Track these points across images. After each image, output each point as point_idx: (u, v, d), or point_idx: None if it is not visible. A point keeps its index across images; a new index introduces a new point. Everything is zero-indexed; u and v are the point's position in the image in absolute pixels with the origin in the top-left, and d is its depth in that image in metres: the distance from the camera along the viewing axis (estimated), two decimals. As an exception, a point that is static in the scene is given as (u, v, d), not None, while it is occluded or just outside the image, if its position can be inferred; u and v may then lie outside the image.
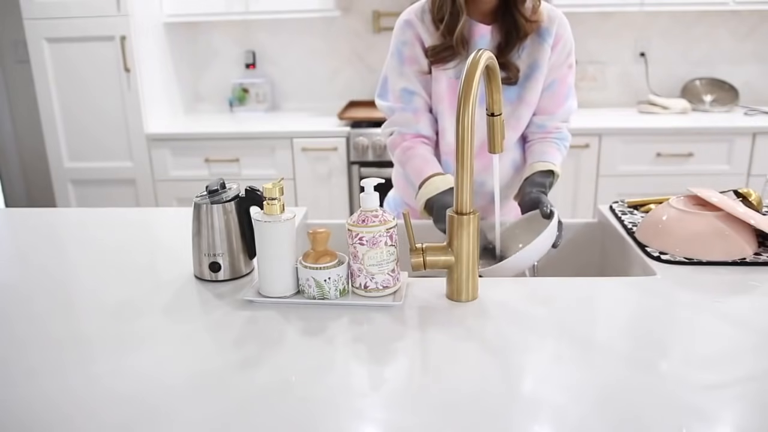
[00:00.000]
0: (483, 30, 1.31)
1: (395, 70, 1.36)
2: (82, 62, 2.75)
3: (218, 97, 3.30)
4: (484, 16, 1.31)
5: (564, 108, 1.40)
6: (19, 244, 1.32)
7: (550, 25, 1.33)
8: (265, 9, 2.88)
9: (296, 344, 0.87)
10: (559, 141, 1.40)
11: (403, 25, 1.35)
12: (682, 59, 3.13)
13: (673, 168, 2.72)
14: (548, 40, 1.33)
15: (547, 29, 1.33)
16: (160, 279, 1.10)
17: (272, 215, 0.96)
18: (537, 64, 1.33)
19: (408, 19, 1.34)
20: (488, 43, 1.32)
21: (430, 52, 1.32)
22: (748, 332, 0.87)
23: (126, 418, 0.71)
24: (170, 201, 2.91)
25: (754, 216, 1.10)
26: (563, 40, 1.35)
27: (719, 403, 0.72)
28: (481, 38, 1.32)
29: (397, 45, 1.36)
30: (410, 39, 1.34)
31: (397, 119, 1.37)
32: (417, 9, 1.35)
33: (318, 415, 0.71)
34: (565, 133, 1.43)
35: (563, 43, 1.35)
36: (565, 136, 1.42)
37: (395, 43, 1.36)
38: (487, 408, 0.72)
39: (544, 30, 1.32)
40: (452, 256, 0.96)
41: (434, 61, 1.33)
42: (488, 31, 1.32)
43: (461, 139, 0.91)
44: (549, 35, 1.33)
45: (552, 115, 1.39)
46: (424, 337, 0.88)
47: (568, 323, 0.91)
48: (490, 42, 1.32)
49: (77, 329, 0.93)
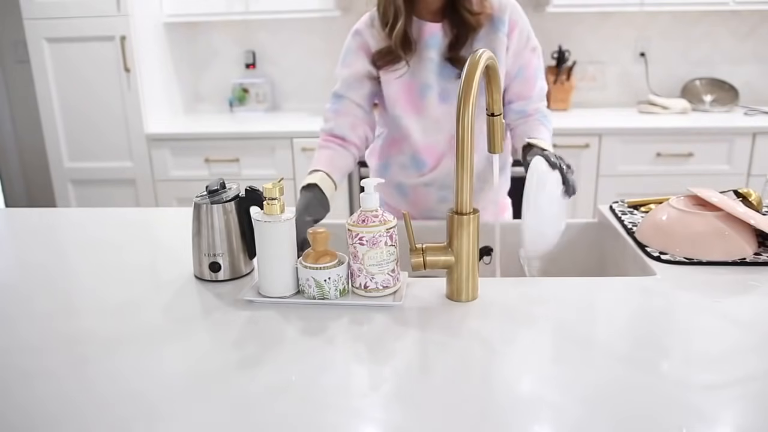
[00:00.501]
0: (433, 28, 1.33)
1: (336, 75, 1.42)
2: (82, 62, 2.75)
3: (218, 97, 3.30)
4: (433, 15, 1.33)
5: (537, 89, 1.41)
6: (19, 244, 1.32)
7: (502, 14, 1.33)
8: (265, 9, 2.88)
9: (296, 344, 0.87)
10: (542, 118, 1.41)
11: (353, 34, 1.39)
12: (682, 59, 3.13)
13: (673, 168, 2.72)
14: (502, 29, 1.33)
15: (499, 18, 1.33)
16: (160, 279, 1.10)
17: (272, 215, 0.96)
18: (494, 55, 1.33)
19: (357, 28, 1.38)
20: (440, 41, 1.33)
21: (376, 56, 1.35)
22: (748, 332, 0.87)
23: (126, 417, 0.71)
24: (170, 201, 2.91)
25: (754, 216, 1.10)
26: (519, 26, 1.35)
27: (719, 403, 0.72)
28: (431, 37, 1.33)
29: (344, 52, 1.40)
30: (354, 47, 1.38)
31: (324, 116, 1.43)
32: (367, 18, 1.38)
33: (318, 415, 0.71)
34: (545, 112, 1.43)
35: (519, 28, 1.35)
36: (545, 114, 1.43)
37: (343, 51, 1.41)
38: (487, 408, 0.72)
39: (496, 20, 1.33)
40: (452, 256, 0.96)
41: (381, 65, 1.35)
42: (438, 29, 1.33)
43: (461, 139, 0.91)
44: (502, 24, 1.33)
45: (528, 99, 1.39)
46: (424, 337, 0.88)
47: (568, 323, 0.91)
48: (441, 39, 1.33)
49: (77, 329, 0.93)
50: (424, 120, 1.38)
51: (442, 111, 1.37)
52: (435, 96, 1.36)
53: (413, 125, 1.39)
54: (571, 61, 3.04)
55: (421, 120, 1.38)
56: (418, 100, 1.36)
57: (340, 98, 1.40)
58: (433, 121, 1.38)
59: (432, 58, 1.33)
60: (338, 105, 1.40)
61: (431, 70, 1.34)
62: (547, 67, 3.09)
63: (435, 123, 1.38)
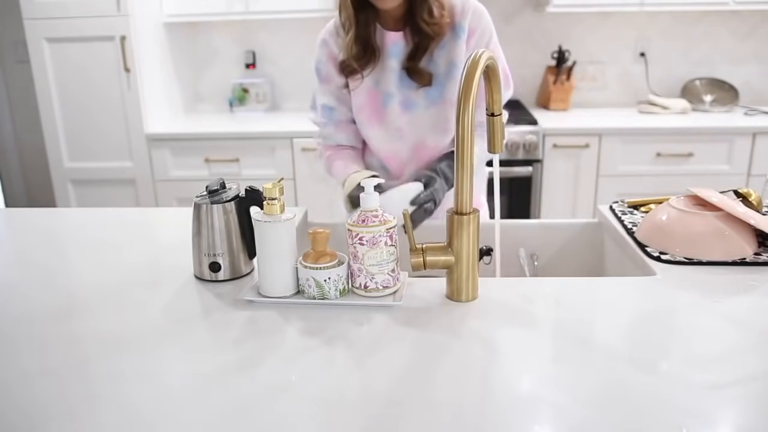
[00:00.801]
0: (394, 37, 1.32)
1: (317, 87, 1.43)
2: (82, 62, 2.75)
3: (218, 97, 3.30)
4: (394, 24, 1.32)
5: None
6: (19, 244, 1.32)
7: (462, 20, 1.31)
8: (265, 9, 2.88)
9: (296, 344, 0.87)
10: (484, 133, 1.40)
11: (320, 44, 1.39)
12: (682, 59, 3.13)
13: (673, 168, 2.72)
14: (462, 35, 1.31)
15: (460, 24, 1.31)
16: (160, 279, 1.10)
17: (272, 215, 0.96)
18: (454, 62, 1.32)
19: (323, 38, 1.39)
20: (402, 49, 1.33)
21: (341, 66, 1.36)
22: (748, 332, 0.87)
23: (126, 417, 0.71)
24: (170, 201, 2.91)
25: (754, 216, 1.10)
26: (478, 32, 1.32)
27: (719, 403, 0.72)
28: (393, 45, 1.33)
29: (316, 64, 1.41)
30: (324, 58, 1.38)
31: (322, 132, 1.45)
32: (331, 26, 1.38)
33: (318, 415, 0.71)
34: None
35: (479, 34, 1.32)
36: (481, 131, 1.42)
37: (315, 62, 1.41)
38: (487, 408, 0.72)
39: (457, 26, 1.31)
40: (452, 256, 0.96)
41: (346, 73, 1.36)
42: (400, 37, 1.32)
43: (461, 139, 0.91)
44: (462, 31, 1.31)
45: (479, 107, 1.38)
46: (424, 337, 0.88)
47: (568, 323, 0.91)
48: (404, 47, 1.33)
49: (77, 329, 0.93)
50: (386, 129, 1.38)
51: (405, 120, 1.36)
52: (397, 105, 1.35)
53: (375, 133, 1.39)
54: (571, 61, 3.04)
55: (383, 128, 1.38)
56: (381, 108, 1.36)
57: (331, 111, 1.41)
58: (395, 130, 1.37)
59: (393, 67, 1.33)
60: (334, 118, 1.41)
61: (392, 79, 1.34)
62: (547, 67, 3.09)
63: (396, 131, 1.37)
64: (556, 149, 2.73)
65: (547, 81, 3.08)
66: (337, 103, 1.40)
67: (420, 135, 1.37)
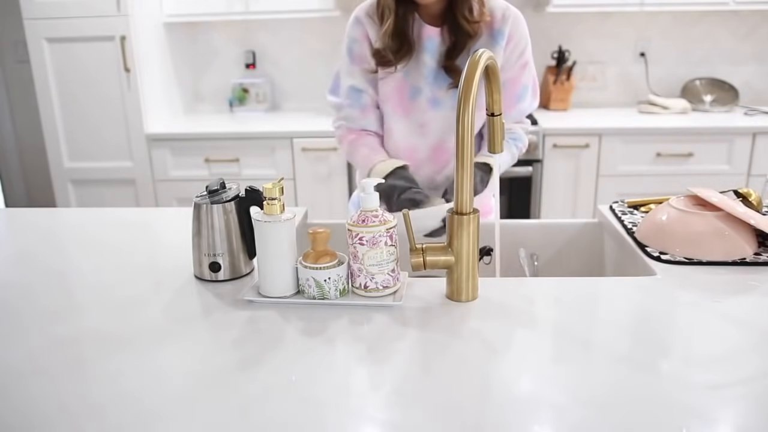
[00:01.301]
0: (431, 31, 1.31)
1: (345, 67, 1.39)
2: (82, 62, 2.75)
3: (218, 97, 3.30)
4: (432, 19, 1.31)
5: (517, 109, 1.39)
6: (19, 244, 1.32)
7: (503, 26, 1.31)
8: (265, 9, 2.88)
9: (296, 344, 0.87)
10: (510, 140, 1.40)
11: (354, 23, 1.36)
12: (682, 59, 3.13)
13: (673, 168, 2.72)
14: (500, 41, 1.31)
15: (500, 30, 1.31)
16: (160, 279, 1.10)
17: (272, 215, 0.96)
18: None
19: (358, 16, 1.35)
20: (436, 45, 1.32)
21: (375, 55, 1.33)
22: (748, 332, 0.87)
23: (125, 418, 0.71)
24: (170, 201, 2.91)
25: (754, 216, 1.10)
26: (515, 40, 1.32)
27: (719, 403, 0.72)
28: (428, 40, 1.31)
29: (348, 42, 1.37)
30: (359, 37, 1.35)
31: (345, 114, 1.41)
32: (368, 6, 1.35)
33: (318, 415, 0.71)
34: (518, 134, 1.43)
35: (515, 42, 1.32)
36: (517, 137, 1.42)
37: (347, 41, 1.37)
38: (487, 408, 0.72)
39: (497, 32, 1.31)
40: (452, 256, 0.96)
41: (379, 63, 1.34)
42: (437, 33, 1.31)
43: (461, 139, 0.91)
44: (501, 36, 1.31)
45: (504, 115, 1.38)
46: (424, 337, 0.88)
47: (568, 323, 0.91)
48: (439, 44, 1.32)
49: (77, 329, 0.93)
50: (410, 123, 1.37)
51: (431, 117, 1.35)
52: (425, 101, 1.34)
53: (398, 125, 1.38)
54: (571, 61, 3.04)
55: (407, 122, 1.37)
56: (407, 101, 1.35)
57: (360, 93, 1.37)
58: (419, 125, 1.36)
59: (427, 62, 1.32)
60: (361, 101, 1.38)
61: (425, 74, 1.33)
62: (547, 67, 3.09)
63: (420, 127, 1.36)
64: (556, 149, 2.73)
65: (547, 81, 3.08)
66: (366, 86, 1.37)
67: (442, 134, 1.37)
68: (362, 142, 1.39)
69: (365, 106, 1.38)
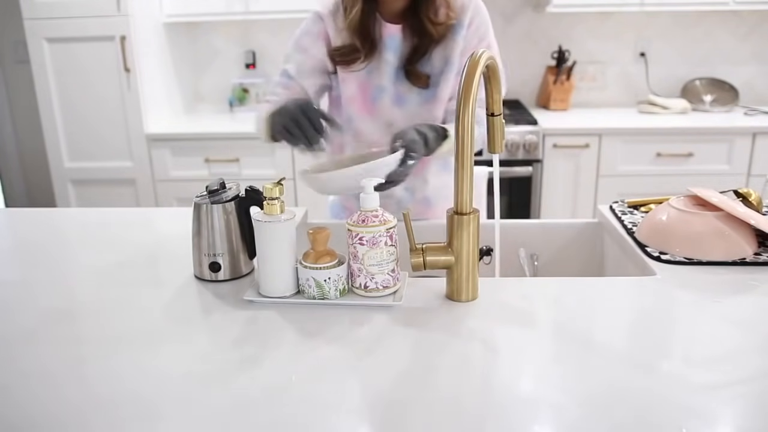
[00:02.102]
0: (392, 30, 1.30)
1: (289, 52, 1.35)
2: (82, 62, 2.75)
3: (218, 97, 3.30)
4: (393, 16, 1.29)
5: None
6: (19, 244, 1.32)
7: (463, 16, 1.28)
8: (265, 9, 2.88)
9: (296, 344, 0.87)
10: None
11: (314, 18, 1.33)
12: (682, 59, 3.13)
13: (673, 168, 2.72)
14: (461, 31, 1.29)
15: (459, 21, 1.28)
16: (160, 279, 1.10)
17: (272, 215, 0.96)
18: (449, 60, 1.30)
19: (319, 12, 1.33)
20: (398, 44, 1.30)
21: (335, 53, 1.30)
22: (748, 332, 0.87)
23: (125, 418, 0.71)
24: (170, 201, 2.91)
25: (754, 216, 1.10)
26: (475, 24, 1.30)
27: (719, 403, 0.72)
28: (390, 38, 1.30)
29: (300, 32, 1.35)
30: (315, 31, 1.32)
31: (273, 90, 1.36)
32: (330, 3, 1.32)
33: (318, 415, 0.71)
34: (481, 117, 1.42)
35: (475, 26, 1.30)
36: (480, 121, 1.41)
37: (301, 30, 1.35)
38: (487, 408, 0.72)
39: (457, 24, 1.28)
40: (452, 256, 0.96)
41: (340, 62, 1.31)
42: (398, 31, 1.30)
43: (461, 139, 0.91)
44: (461, 26, 1.29)
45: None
46: (424, 337, 0.88)
47: (568, 323, 0.91)
48: (400, 43, 1.30)
49: (77, 329, 0.93)
50: (377, 121, 1.36)
51: (397, 115, 1.34)
52: (389, 99, 1.34)
53: (366, 125, 1.37)
54: (571, 61, 3.04)
55: (373, 121, 1.36)
56: (370, 101, 1.34)
57: (290, 79, 1.34)
58: (386, 124, 1.36)
59: (389, 60, 1.31)
60: (288, 85, 1.34)
61: (387, 72, 1.31)
62: (547, 67, 3.09)
63: (387, 126, 1.35)
64: (556, 149, 2.73)
65: (547, 81, 3.08)
66: (298, 76, 1.34)
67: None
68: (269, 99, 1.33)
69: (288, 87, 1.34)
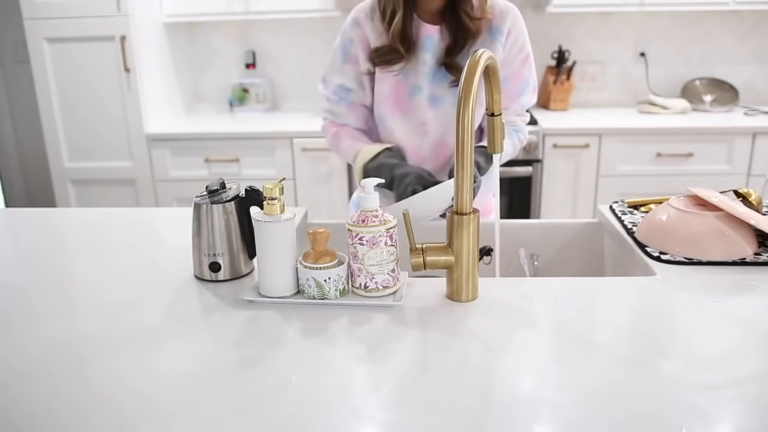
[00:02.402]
0: (430, 30, 1.31)
1: (336, 65, 1.39)
2: (82, 62, 2.75)
3: (218, 97, 3.30)
4: (431, 16, 1.31)
5: (518, 103, 1.39)
6: (19, 244, 1.32)
7: (502, 22, 1.31)
8: (265, 9, 2.88)
9: (296, 344, 0.87)
10: (512, 132, 1.41)
11: (352, 23, 1.36)
12: (682, 59, 3.13)
13: (673, 168, 2.72)
14: (500, 37, 1.31)
15: (498, 27, 1.31)
16: (160, 279, 1.10)
17: (272, 215, 0.96)
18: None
19: (356, 17, 1.35)
20: (436, 44, 1.31)
21: (375, 54, 1.33)
22: (748, 332, 0.87)
23: (125, 418, 0.71)
24: (170, 201, 2.91)
25: (754, 216, 1.10)
26: (513, 35, 1.32)
27: (719, 403, 0.72)
28: (427, 38, 1.31)
29: (343, 41, 1.37)
30: (356, 38, 1.35)
31: (331, 109, 1.42)
32: (366, 7, 1.35)
33: (318, 415, 0.71)
34: (519, 126, 1.43)
35: (514, 37, 1.32)
36: (519, 129, 1.43)
37: (342, 39, 1.37)
38: (487, 408, 0.72)
39: (495, 28, 1.31)
40: (452, 256, 0.96)
41: (378, 62, 1.33)
42: (436, 31, 1.31)
43: (461, 139, 0.91)
44: (500, 33, 1.31)
45: (505, 110, 1.38)
46: (424, 337, 0.88)
47: (568, 323, 0.91)
48: (438, 42, 1.31)
49: (77, 329, 0.93)
50: (410, 122, 1.37)
51: (431, 115, 1.35)
52: (425, 99, 1.34)
53: (398, 125, 1.38)
54: (571, 61, 3.04)
55: (407, 121, 1.37)
56: (406, 101, 1.35)
57: (348, 92, 1.38)
58: (419, 124, 1.36)
59: (426, 60, 1.32)
60: (348, 99, 1.39)
61: (424, 72, 1.32)
62: (547, 67, 3.09)
63: (421, 126, 1.36)
64: (556, 149, 2.73)
65: (547, 81, 3.08)
66: (355, 86, 1.38)
67: (443, 132, 1.37)
68: (345, 133, 1.41)
69: (352, 104, 1.40)
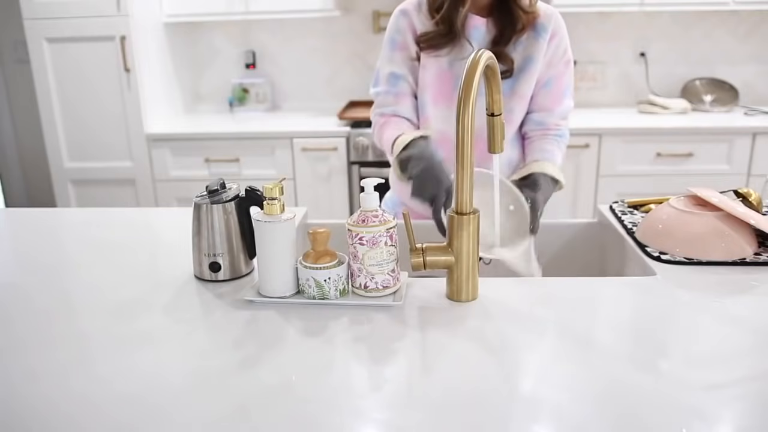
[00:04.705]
0: (477, 22, 1.33)
1: (385, 56, 1.40)
2: (82, 62, 2.75)
3: (218, 97, 3.30)
4: (479, 9, 1.33)
5: (562, 106, 1.41)
6: (19, 244, 1.32)
7: (547, 21, 1.35)
8: (265, 9, 2.88)
9: (296, 344, 0.87)
10: (558, 138, 1.42)
11: (398, 14, 1.38)
12: (682, 59, 3.13)
13: (673, 168, 2.72)
14: (544, 35, 1.34)
15: (542, 24, 1.34)
16: (160, 279, 1.10)
17: (272, 215, 0.96)
18: (531, 58, 1.34)
19: (404, 8, 1.38)
20: (483, 36, 1.33)
21: (422, 38, 1.34)
22: (748, 332, 0.87)
23: (126, 417, 0.71)
24: (170, 201, 2.91)
25: (754, 216, 1.10)
26: (558, 37, 1.37)
27: (719, 403, 0.72)
28: (475, 29, 1.33)
29: (390, 33, 1.39)
30: (403, 27, 1.37)
31: (381, 101, 1.41)
32: (415, 1, 1.37)
33: (318, 415, 0.71)
34: (564, 131, 1.44)
35: (559, 39, 1.37)
36: (563, 134, 1.44)
37: (389, 32, 1.39)
38: (487, 408, 0.72)
39: (539, 25, 1.34)
40: (452, 256, 0.96)
41: (425, 47, 1.34)
42: (483, 24, 1.33)
43: (461, 139, 0.91)
44: (545, 30, 1.34)
45: (550, 112, 1.40)
46: (424, 337, 0.88)
47: (568, 323, 0.91)
48: (485, 34, 1.33)
49: (77, 329, 0.93)
50: (450, 111, 1.37)
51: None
52: None
53: (438, 113, 1.38)
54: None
55: (447, 110, 1.37)
56: (450, 91, 1.36)
57: (398, 79, 1.38)
58: None
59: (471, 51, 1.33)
60: (398, 87, 1.39)
61: None
62: (547, 67, 3.09)
63: None
64: (556, 149, 2.72)
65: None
66: (405, 72, 1.38)
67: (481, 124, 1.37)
68: (389, 123, 1.39)
69: (400, 92, 1.39)
